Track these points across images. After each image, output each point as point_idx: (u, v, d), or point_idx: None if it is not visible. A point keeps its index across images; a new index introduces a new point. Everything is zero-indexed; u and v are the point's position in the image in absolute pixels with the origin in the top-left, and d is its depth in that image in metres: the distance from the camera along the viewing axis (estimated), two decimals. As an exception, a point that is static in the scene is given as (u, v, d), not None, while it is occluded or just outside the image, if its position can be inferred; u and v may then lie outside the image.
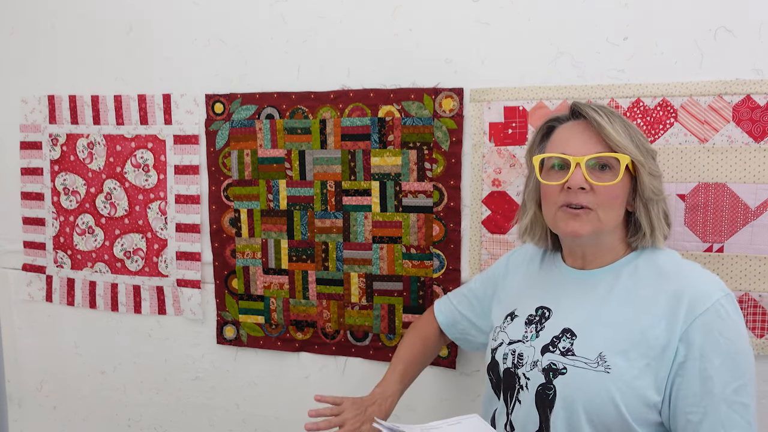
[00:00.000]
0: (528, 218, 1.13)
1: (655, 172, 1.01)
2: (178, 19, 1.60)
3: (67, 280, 1.81)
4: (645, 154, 0.99)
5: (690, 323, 0.91)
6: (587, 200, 0.97)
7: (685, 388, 0.90)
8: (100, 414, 1.86)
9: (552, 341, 1.00)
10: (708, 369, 0.89)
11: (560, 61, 1.34)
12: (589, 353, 0.95)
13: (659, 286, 0.97)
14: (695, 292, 0.93)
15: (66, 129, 1.75)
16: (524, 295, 1.15)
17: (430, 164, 1.45)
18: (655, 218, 1.01)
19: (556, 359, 0.98)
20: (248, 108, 1.57)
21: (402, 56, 1.44)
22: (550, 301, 1.07)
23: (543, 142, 1.09)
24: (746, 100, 1.23)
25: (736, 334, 0.91)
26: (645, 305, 0.96)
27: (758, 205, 1.25)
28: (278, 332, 1.63)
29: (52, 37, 1.73)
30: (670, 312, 0.93)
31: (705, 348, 0.90)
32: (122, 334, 1.79)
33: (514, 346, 1.06)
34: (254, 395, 1.69)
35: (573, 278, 1.07)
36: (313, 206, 1.55)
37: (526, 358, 1.02)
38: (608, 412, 0.92)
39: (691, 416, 0.90)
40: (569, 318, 1.01)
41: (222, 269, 1.65)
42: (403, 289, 1.51)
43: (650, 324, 0.93)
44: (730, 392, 0.89)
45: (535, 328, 1.05)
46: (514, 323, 1.10)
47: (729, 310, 0.91)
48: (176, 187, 1.66)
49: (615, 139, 0.96)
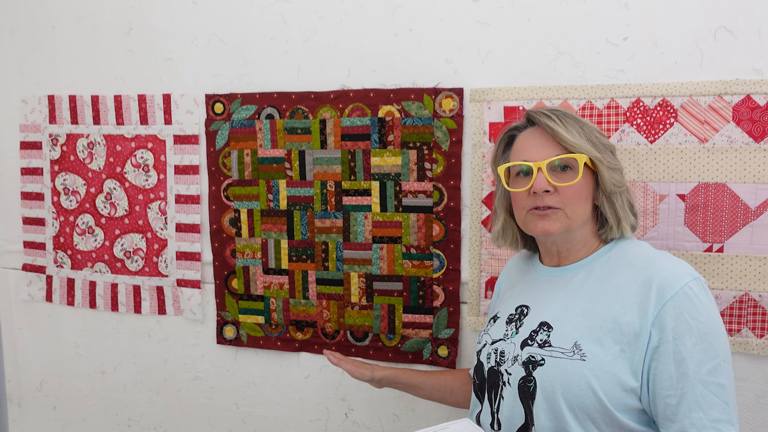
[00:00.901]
0: (499, 224, 1.19)
1: (613, 165, 1.05)
2: (178, 19, 1.61)
3: (67, 280, 1.81)
4: (602, 149, 1.04)
5: (661, 308, 0.93)
6: (553, 201, 1.03)
7: (661, 371, 0.92)
8: (100, 414, 1.86)
9: (530, 335, 1.04)
10: (681, 351, 0.91)
11: (560, 61, 1.34)
12: (565, 343, 0.98)
13: (630, 275, 0.99)
14: (664, 277, 0.95)
15: (66, 129, 1.75)
16: (506, 297, 1.20)
17: (430, 164, 1.45)
18: (620, 209, 1.05)
19: (535, 351, 1.01)
20: (248, 108, 1.57)
21: (402, 56, 1.45)
22: (528, 300, 1.11)
23: (506, 151, 1.14)
24: (746, 100, 1.23)
25: (706, 315, 0.93)
26: (616, 294, 0.99)
27: (758, 205, 1.25)
28: (278, 332, 1.63)
29: (52, 37, 1.73)
30: (641, 299, 0.95)
31: (677, 330, 0.92)
32: (122, 334, 1.79)
33: (496, 345, 1.10)
34: (254, 395, 1.69)
35: (549, 276, 1.11)
36: (313, 206, 1.55)
37: (507, 354, 1.05)
38: (587, 397, 0.94)
39: (668, 399, 0.92)
40: (545, 312, 1.05)
41: (222, 269, 1.65)
42: (403, 289, 1.51)
43: (622, 311, 0.96)
44: (705, 373, 0.91)
45: (515, 325, 1.09)
46: (496, 324, 1.14)
47: (697, 292, 0.94)
48: (176, 187, 1.66)
49: (569, 141, 1.02)
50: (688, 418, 0.91)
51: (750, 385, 1.30)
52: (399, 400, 1.55)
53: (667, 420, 0.93)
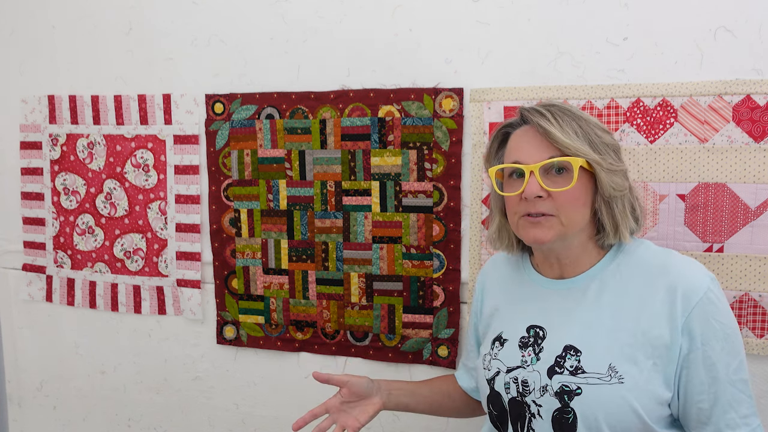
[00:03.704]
0: (495, 226, 1.10)
1: (615, 167, 0.96)
2: (178, 19, 1.60)
3: (67, 280, 1.81)
4: (603, 149, 0.95)
5: (688, 315, 0.91)
6: (546, 207, 0.95)
7: (692, 378, 0.91)
8: (100, 414, 1.86)
9: (557, 362, 0.96)
10: (711, 356, 0.91)
11: (560, 61, 1.34)
12: (599, 367, 0.93)
13: (648, 282, 0.95)
14: (688, 284, 0.93)
15: (66, 129, 1.75)
16: (507, 314, 1.10)
17: (430, 164, 1.45)
18: (620, 215, 0.97)
19: (567, 380, 0.94)
20: (248, 108, 1.57)
21: (402, 56, 1.44)
22: (539, 319, 1.02)
23: (500, 150, 1.06)
24: (746, 100, 1.23)
25: (726, 315, 0.93)
26: (640, 306, 0.94)
27: (758, 205, 1.25)
28: (278, 332, 1.63)
29: (52, 37, 1.73)
30: (668, 308, 0.92)
31: (705, 336, 0.91)
32: (122, 334, 1.79)
33: (514, 373, 1.01)
34: (254, 395, 1.69)
35: (556, 290, 1.03)
36: (313, 206, 1.55)
37: (533, 384, 0.97)
38: (630, 420, 0.91)
39: (701, 404, 0.91)
40: (567, 334, 0.98)
41: (222, 269, 1.65)
42: (403, 289, 1.51)
43: (650, 324, 0.92)
44: (732, 372, 0.91)
45: (533, 350, 1.00)
46: (505, 348, 1.05)
47: (717, 293, 0.93)
48: (176, 187, 1.66)
49: (564, 143, 0.93)
50: (723, 419, 0.91)
51: (750, 385, 1.30)
52: (399, 400, 1.55)
53: (700, 423, 0.92)
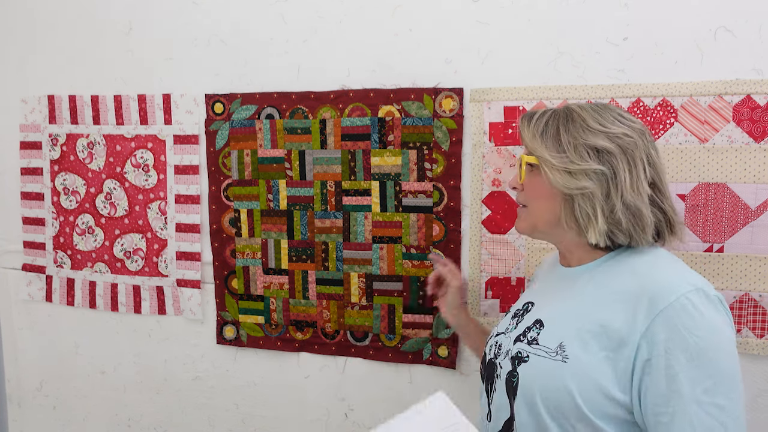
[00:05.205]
0: None
1: (572, 167, 0.95)
2: (178, 19, 1.61)
3: (67, 280, 1.81)
4: (571, 149, 0.96)
5: (652, 320, 0.87)
6: (521, 198, 1.06)
7: (652, 387, 0.86)
8: (100, 414, 1.86)
9: (524, 331, 1.03)
10: (674, 366, 0.84)
11: (560, 61, 1.34)
12: (551, 342, 0.96)
13: (627, 281, 0.94)
14: (658, 287, 0.88)
15: (66, 129, 1.75)
16: (526, 293, 1.19)
17: (430, 164, 1.45)
18: (581, 215, 0.97)
19: (523, 348, 1.00)
20: (248, 108, 1.57)
21: (402, 56, 1.45)
22: (536, 297, 1.10)
23: None
24: (746, 100, 1.23)
25: (706, 329, 0.84)
26: (610, 299, 0.94)
27: (758, 205, 1.25)
28: (278, 332, 1.63)
29: (52, 37, 1.73)
30: (630, 306, 0.90)
31: (669, 344, 0.85)
32: (122, 334, 1.79)
33: (498, 338, 1.10)
34: (254, 395, 1.69)
35: (559, 277, 1.10)
36: (313, 206, 1.55)
37: (503, 348, 1.05)
38: (564, 400, 0.91)
39: (660, 417, 0.86)
40: (543, 310, 1.04)
41: (222, 269, 1.65)
42: (403, 289, 1.51)
43: (611, 317, 0.91)
44: (701, 392, 0.83)
45: (517, 321, 1.08)
46: (505, 318, 1.15)
47: (696, 303, 0.86)
48: (176, 187, 1.66)
49: (524, 141, 1.03)
50: None
51: (749, 385, 1.30)
52: (399, 400, 1.55)
53: None
